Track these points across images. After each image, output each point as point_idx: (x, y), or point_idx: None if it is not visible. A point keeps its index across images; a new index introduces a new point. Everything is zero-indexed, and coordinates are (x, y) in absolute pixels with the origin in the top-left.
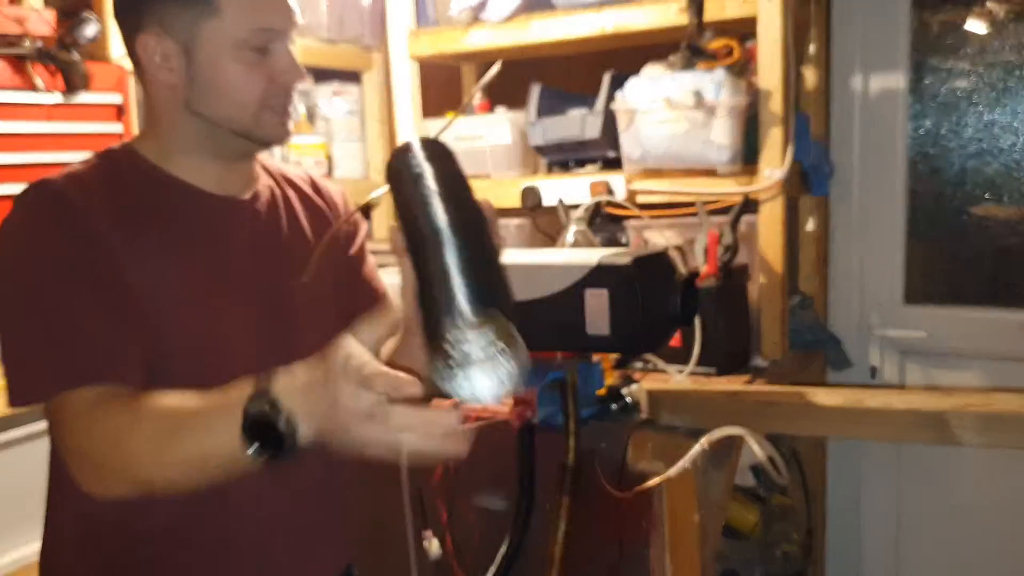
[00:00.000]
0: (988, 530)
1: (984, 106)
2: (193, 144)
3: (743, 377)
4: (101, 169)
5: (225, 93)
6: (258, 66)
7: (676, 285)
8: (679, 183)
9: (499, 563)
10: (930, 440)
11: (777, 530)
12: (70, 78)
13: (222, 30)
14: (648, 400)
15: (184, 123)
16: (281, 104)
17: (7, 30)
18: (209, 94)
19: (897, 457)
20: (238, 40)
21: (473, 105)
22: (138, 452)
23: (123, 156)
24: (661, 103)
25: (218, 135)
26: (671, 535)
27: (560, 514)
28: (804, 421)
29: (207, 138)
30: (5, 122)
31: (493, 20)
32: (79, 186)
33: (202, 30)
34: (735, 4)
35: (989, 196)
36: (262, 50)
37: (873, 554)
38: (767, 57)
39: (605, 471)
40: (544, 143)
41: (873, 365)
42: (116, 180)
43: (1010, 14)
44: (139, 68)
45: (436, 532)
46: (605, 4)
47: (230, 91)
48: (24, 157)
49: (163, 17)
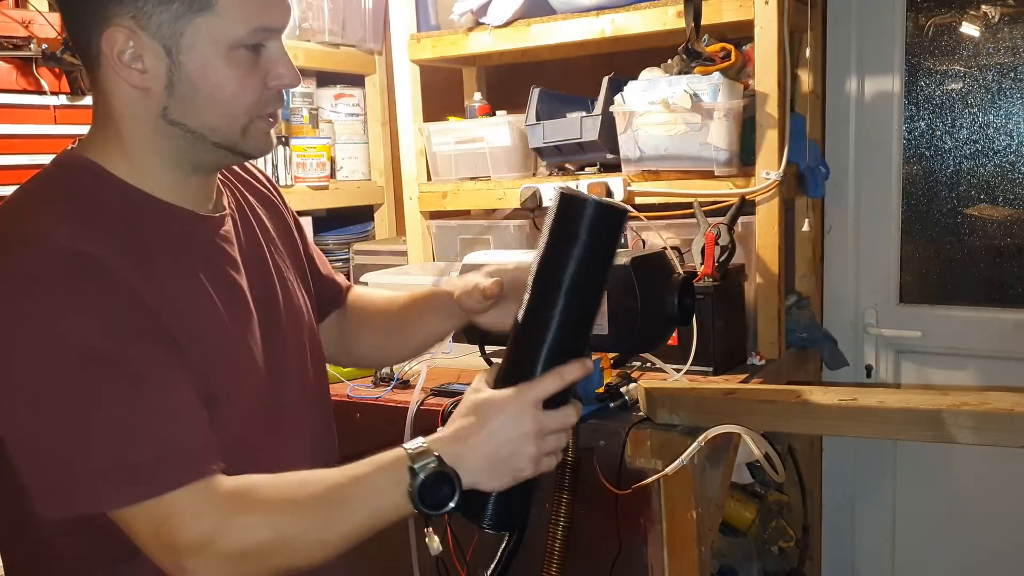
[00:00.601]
0: (982, 527)
1: (978, 108)
2: (168, 158)
3: (740, 376)
4: (79, 200)
5: (214, 101)
6: (252, 70)
7: (674, 285)
8: (677, 184)
9: (499, 559)
10: (925, 438)
11: (774, 527)
12: (75, 81)
13: (216, 28)
14: (646, 398)
15: (156, 134)
16: (273, 113)
17: (13, 32)
18: (193, 102)
19: (892, 455)
20: (234, 40)
21: (474, 107)
22: (302, 532)
23: (89, 177)
24: (659, 106)
25: (197, 147)
26: (669, 532)
27: (559, 511)
28: (800, 419)
29: (184, 151)
30: (11, 124)
31: (493, 24)
32: (80, 229)
33: (191, 27)
34: (732, 8)
35: (983, 197)
36: (255, 50)
37: (869, 551)
38: (763, 60)
39: (604, 468)
40: (543, 145)
41: (869, 364)
42: (101, 211)
43: (1004, 16)
44: (95, 65)
45: (436, 529)
46: (604, 8)
47: (220, 99)
48: (29, 159)
49: (140, 10)
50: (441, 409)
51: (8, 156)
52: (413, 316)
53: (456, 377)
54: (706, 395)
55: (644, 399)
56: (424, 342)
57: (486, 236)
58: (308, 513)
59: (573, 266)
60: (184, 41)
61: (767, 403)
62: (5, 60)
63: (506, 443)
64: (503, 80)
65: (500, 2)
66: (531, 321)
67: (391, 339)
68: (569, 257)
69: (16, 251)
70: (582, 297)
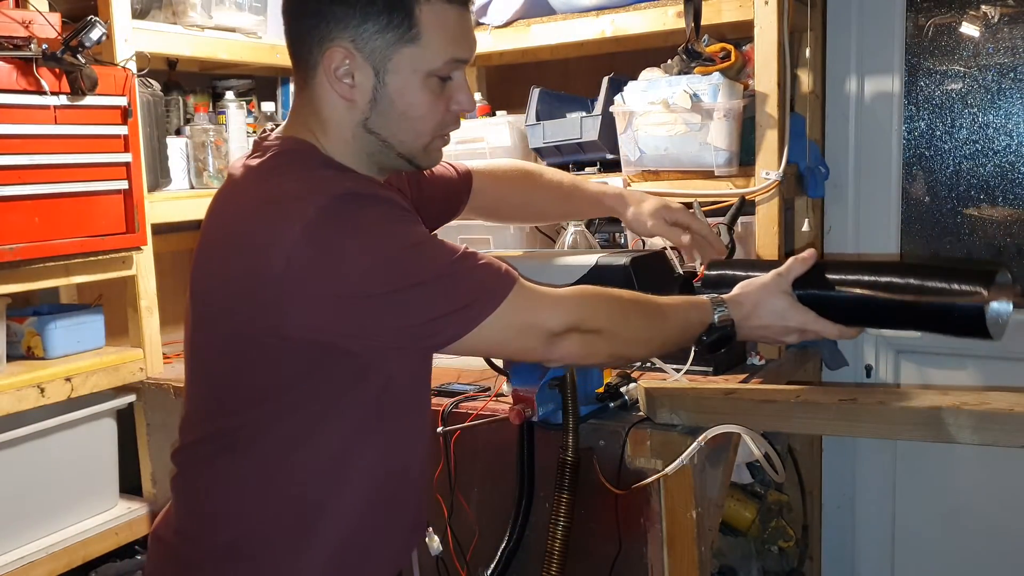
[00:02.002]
0: (982, 527)
1: (978, 108)
2: (362, 156)
3: (740, 376)
4: (327, 165)
5: (407, 118)
6: (440, 95)
7: (673, 285)
8: (676, 185)
9: (499, 559)
10: (925, 438)
11: (774, 527)
12: (75, 81)
13: (419, 58)
14: (646, 398)
15: (355, 138)
16: (450, 133)
17: (13, 33)
18: (390, 117)
19: (892, 455)
20: (431, 69)
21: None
22: (635, 327)
23: (326, 157)
24: (659, 106)
25: (385, 154)
26: (669, 531)
27: (559, 510)
28: (800, 419)
29: (374, 154)
30: (11, 124)
31: (494, 24)
32: (350, 180)
33: (398, 55)
34: (731, 8)
35: (983, 197)
36: (445, 79)
37: (868, 551)
38: (763, 60)
39: (604, 468)
40: (543, 145)
41: (869, 364)
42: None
43: (1004, 16)
44: (311, 75)
45: (437, 528)
46: (604, 9)
47: (412, 117)
48: (30, 159)
49: (360, 35)
50: (441, 409)
51: (8, 156)
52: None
53: (456, 377)
54: (706, 395)
55: (644, 399)
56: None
57: (486, 236)
58: (639, 313)
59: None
60: (391, 65)
61: (767, 403)
62: (5, 60)
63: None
64: (503, 80)
65: (500, 2)
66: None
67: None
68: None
69: (329, 189)
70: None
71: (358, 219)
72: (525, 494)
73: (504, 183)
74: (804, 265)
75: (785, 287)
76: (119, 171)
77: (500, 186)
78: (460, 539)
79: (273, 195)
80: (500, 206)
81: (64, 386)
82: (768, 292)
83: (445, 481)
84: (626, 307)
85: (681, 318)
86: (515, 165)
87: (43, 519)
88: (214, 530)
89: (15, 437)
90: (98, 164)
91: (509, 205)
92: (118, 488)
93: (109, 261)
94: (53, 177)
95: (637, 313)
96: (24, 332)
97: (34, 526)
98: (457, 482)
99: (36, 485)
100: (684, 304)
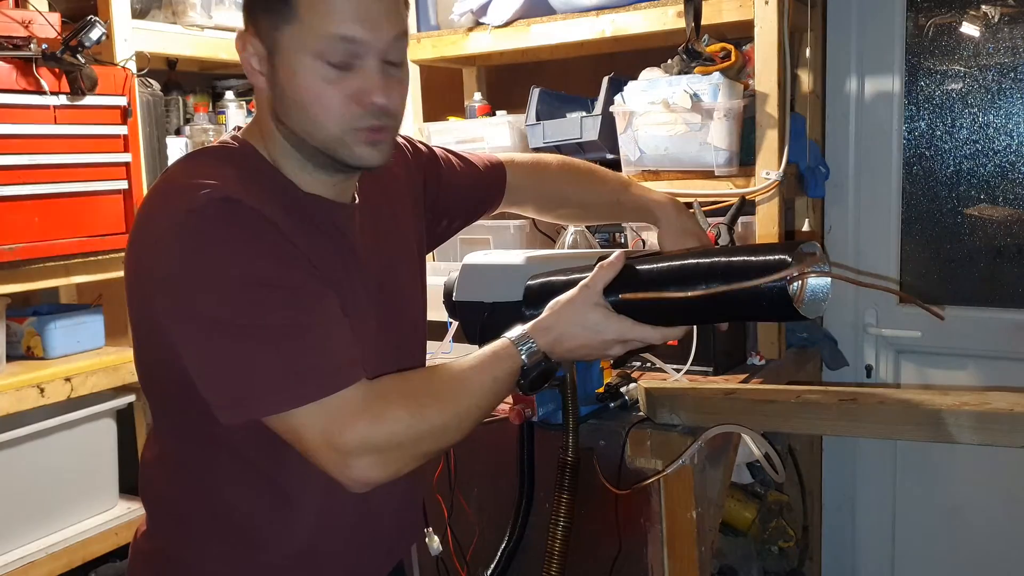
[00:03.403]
0: (982, 527)
1: (978, 108)
2: (288, 150)
3: (740, 376)
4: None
5: (300, 106)
6: (336, 83)
7: None
8: (677, 184)
9: (499, 559)
10: (925, 438)
11: (774, 527)
12: (75, 81)
13: (298, 38)
14: (646, 398)
15: (276, 129)
16: (369, 126)
17: (13, 33)
18: (287, 104)
19: (892, 455)
20: (315, 51)
21: (474, 107)
22: (434, 419)
23: (250, 151)
24: (659, 106)
25: (303, 147)
26: (669, 531)
27: (559, 511)
28: (800, 419)
29: (297, 147)
30: (11, 124)
31: (493, 24)
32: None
33: (282, 36)
34: (732, 8)
35: (983, 197)
36: (344, 66)
37: (869, 551)
38: (763, 60)
39: (604, 468)
40: (543, 145)
41: (869, 364)
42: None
43: (1004, 16)
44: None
45: (437, 528)
46: (604, 8)
47: (306, 105)
48: (30, 159)
49: (252, 17)
50: None
51: (8, 156)
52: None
53: None
54: (706, 395)
55: (644, 399)
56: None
57: (486, 236)
58: (434, 402)
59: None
60: (279, 48)
61: (767, 403)
62: (5, 60)
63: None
64: (503, 80)
65: (500, 2)
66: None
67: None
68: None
69: (190, 195)
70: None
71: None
72: (525, 494)
73: (548, 178)
74: (612, 271)
75: (595, 298)
76: (119, 171)
77: (545, 182)
78: (460, 539)
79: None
80: (544, 202)
81: (64, 386)
82: (575, 309)
83: (445, 481)
84: (421, 401)
85: (487, 379)
86: (566, 161)
87: (43, 519)
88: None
89: (15, 437)
90: (98, 164)
91: (553, 201)
92: (118, 488)
93: (109, 261)
94: (53, 177)
95: (432, 403)
96: (24, 332)
97: (34, 526)
98: (457, 482)
99: (36, 485)
100: (486, 360)
